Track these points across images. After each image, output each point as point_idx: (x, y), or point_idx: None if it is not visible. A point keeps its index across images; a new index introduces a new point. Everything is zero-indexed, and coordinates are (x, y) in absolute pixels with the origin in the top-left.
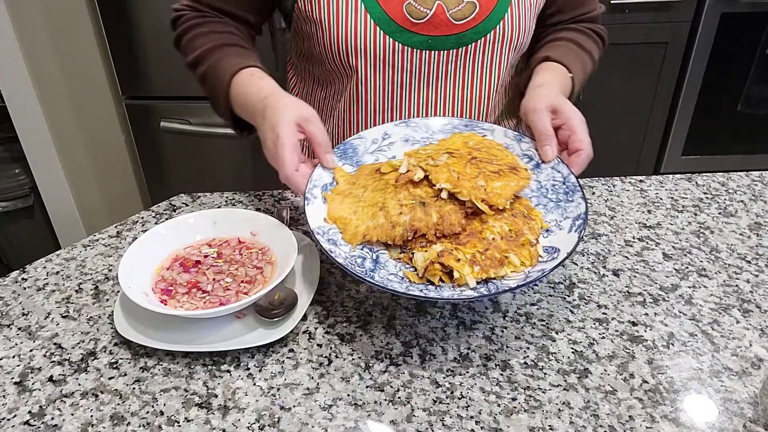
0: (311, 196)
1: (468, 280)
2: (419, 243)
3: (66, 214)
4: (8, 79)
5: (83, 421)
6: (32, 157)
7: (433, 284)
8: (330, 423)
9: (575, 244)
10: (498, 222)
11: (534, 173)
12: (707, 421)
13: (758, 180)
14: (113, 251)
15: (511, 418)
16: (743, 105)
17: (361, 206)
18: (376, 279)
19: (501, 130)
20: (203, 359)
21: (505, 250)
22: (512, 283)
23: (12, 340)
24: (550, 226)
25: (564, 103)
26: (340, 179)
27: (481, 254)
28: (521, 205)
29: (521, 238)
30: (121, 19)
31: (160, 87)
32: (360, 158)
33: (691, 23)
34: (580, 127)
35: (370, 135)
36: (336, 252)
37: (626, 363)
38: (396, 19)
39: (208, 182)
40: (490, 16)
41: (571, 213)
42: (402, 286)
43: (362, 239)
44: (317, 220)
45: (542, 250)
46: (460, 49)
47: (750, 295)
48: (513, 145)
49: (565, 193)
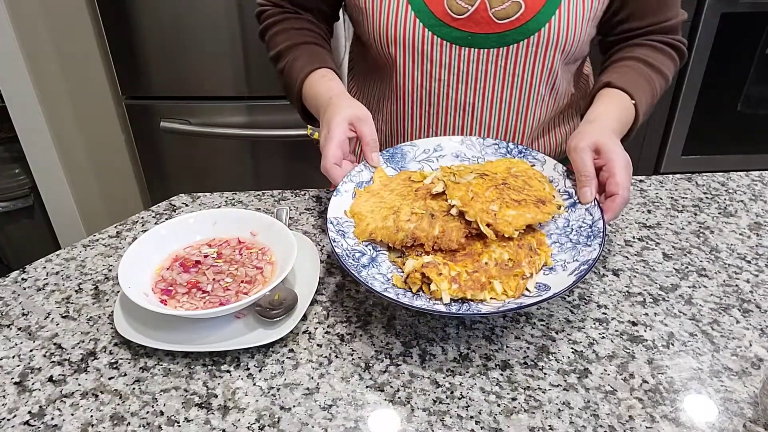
0: (342, 189)
1: (443, 296)
2: (416, 251)
3: (66, 214)
4: (8, 79)
5: (83, 421)
6: (32, 157)
7: (412, 292)
8: (330, 423)
9: (569, 286)
10: (500, 248)
11: (567, 211)
12: (707, 421)
13: (758, 180)
14: (113, 251)
15: (511, 418)
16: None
17: (379, 206)
18: (362, 274)
19: (552, 163)
20: (203, 359)
21: (493, 276)
22: (485, 309)
23: (12, 340)
24: (555, 264)
25: (608, 143)
26: (377, 180)
27: (467, 275)
28: (533, 238)
29: (516, 269)
30: (121, 19)
31: (160, 87)
32: (406, 164)
33: (691, 23)
34: (621, 170)
35: (423, 144)
36: (339, 242)
37: (626, 363)
38: (436, 13)
39: (208, 182)
40: (535, 17)
41: (582, 257)
42: (382, 287)
43: (368, 237)
44: (338, 211)
45: (533, 286)
46: (501, 48)
47: (750, 295)
48: (558, 179)
49: (587, 236)
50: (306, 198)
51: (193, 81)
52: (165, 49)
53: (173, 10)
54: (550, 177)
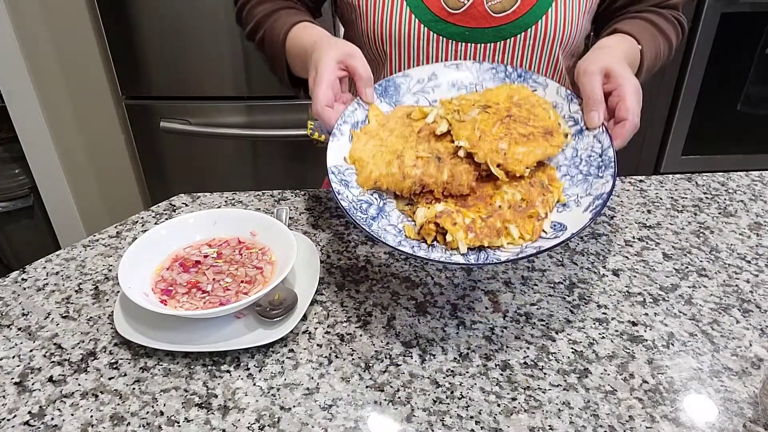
0: (339, 132)
1: (459, 246)
2: (425, 198)
3: (66, 214)
4: (8, 79)
5: (83, 421)
6: (32, 157)
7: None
8: (330, 423)
9: (584, 226)
10: (512, 188)
11: (575, 139)
12: (707, 421)
13: (758, 180)
14: (113, 251)
15: (511, 418)
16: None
17: (381, 150)
18: (373, 228)
19: (554, 87)
20: (203, 359)
21: (508, 220)
22: (503, 256)
23: (12, 341)
24: (567, 200)
25: (619, 67)
26: (373, 118)
27: (482, 221)
28: (544, 173)
29: (530, 210)
30: (121, 19)
31: (160, 87)
32: (400, 98)
33: (691, 23)
34: (631, 95)
35: (416, 74)
36: (344, 194)
37: (626, 363)
38: (432, 9)
39: (208, 182)
40: (531, 10)
41: (595, 190)
42: (395, 240)
43: (373, 185)
44: (337, 158)
45: (548, 226)
46: (498, 43)
47: (750, 295)
48: (562, 105)
49: (598, 167)
50: (306, 198)
51: (193, 81)
52: (165, 49)
53: (173, 11)
54: (554, 102)
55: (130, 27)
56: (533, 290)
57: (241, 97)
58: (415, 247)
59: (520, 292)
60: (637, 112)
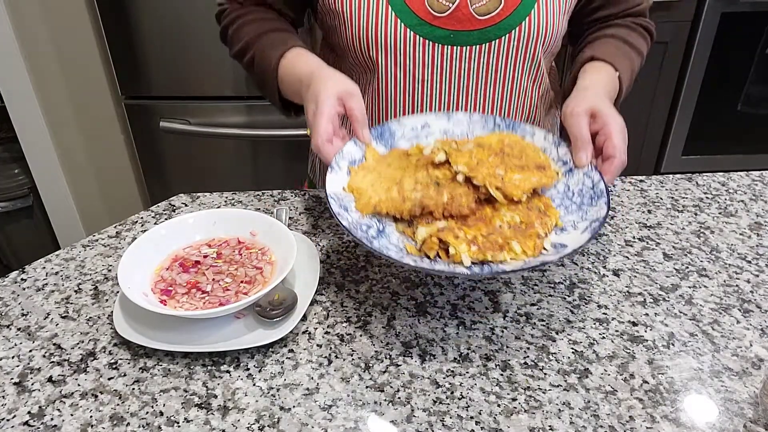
0: (336, 166)
1: (463, 258)
2: (425, 219)
3: (65, 214)
4: (8, 79)
5: (83, 421)
6: (31, 157)
7: (429, 258)
8: (330, 423)
9: (585, 242)
10: (510, 212)
11: (566, 177)
12: (707, 421)
13: (758, 180)
14: (113, 251)
15: (511, 419)
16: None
17: (379, 180)
18: (375, 245)
19: (542, 134)
20: (203, 360)
21: (509, 237)
22: (508, 267)
23: (11, 341)
24: (565, 225)
25: (604, 107)
26: (370, 157)
27: (483, 237)
28: (540, 201)
29: (530, 230)
30: (121, 19)
31: (159, 87)
32: (395, 143)
33: (691, 23)
34: (617, 133)
35: (409, 122)
36: (344, 216)
37: (626, 363)
38: (418, 12)
39: (207, 182)
40: (515, 12)
41: (590, 216)
42: (397, 255)
43: (373, 210)
44: (336, 187)
45: (549, 245)
46: (483, 45)
47: (750, 295)
48: (550, 149)
49: (591, 198)
50: (306, 198)
51: (192, 81)
52: (165, 49)
53: (173, 11)
54: (542, 147)
55: (130, 27)
56: (533, 290)
57: (241, 97)
58: (417, 260)
59: (520, 293)
60: (623, 149)
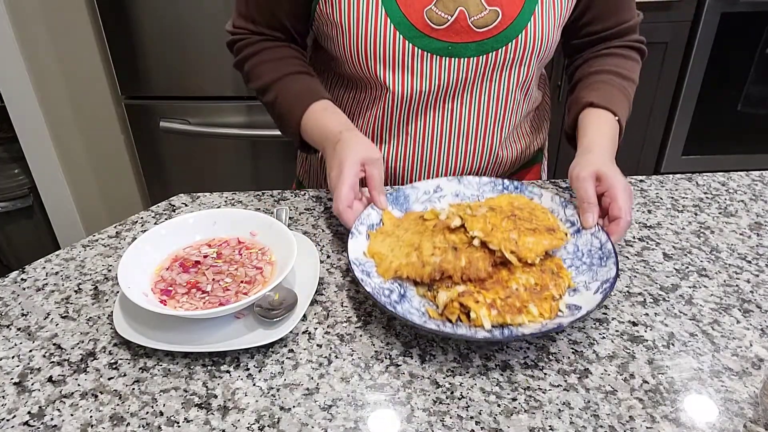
0: (356, 231)
1: (484, 322)
2: (445, 283)
3: (65, 215)
4: (7, 79)
5: (83, 421)
6: (31, 157)
7: (451, 322)
8: (330, 423)
9: (598, 304)
10: (525, 274)
11: (573, 237)
12: (708, 421)
13: (758, 180)
14: (113, 251)
15: (511, 419)
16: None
17: (398, 245)
18: (398, 310)
19: (549, 195)
20: (203, 360)
21: (526, 300)
22: (527, 330)
23: (11, 341)
24: (577, 285)
25: (609, 170)
26: (387, 221)
27: (501, 300)
28: (552, 263)
29: (545, 292)
30: (121, 19)
31: (159, 87)
32: (410, 206)
33: (691, 23)
34: (622, 195)
35: (423, 186)
36: (367, 281)
37: (626, 363)
38: (416, 25)
39: (207, 182)
40: (512, 24)
41: (601, 276)
42: (420, 320)
43: (394, 274)
44: (357, 252)
45: (564, 306)
46: (480, 57)
47: (750, 295)
48: (558, 210)
49: (600, 258)
50: (306, 198)
51: (192, 81)
52: (165, 49)
53: (173, 11)
54: (550, 208)
55: (130, 27)
56: None
57: (240, 97)
58: (440, 325)
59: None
60: (628, 209)
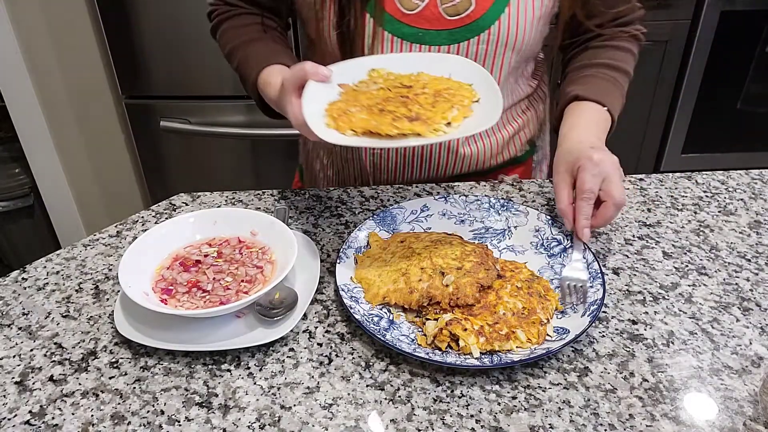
0: (344, 255)
1: (472, 350)
2: (433, 310)
3: (66, 214)
4: (8, 78)
5: (84, 420)
6: (32, 157)
7: (441, 350)
8: (330, 422)
9: (585, 328)
10: (512, 299)
11: (560, 257)
12: (707, 419)
13: (758, 178)
14: (113, 251)
15: (511, 417)
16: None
17: (386, 270)
18: (387, 338)
19: (535, 214)
20: (203, 358)
21: (514, 326)
22: (516, 357)
23: (12, 340)
24: (565, 308)
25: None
26: (374, 244)
27: (489, 327)
28: (540, 285)
29: (533, 316)
30: (121, 19)
31: (159, 86)
32: (397, 227)
33: (690, 21)
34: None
35: (410, 206)
36: (355, 308)
37: (626, 361)
38: (387, 9)
39: (208, 181)
40: (485, 14)
41: (588, 298)
42: (410, 348)
43: (381, 300)
44: (344, 278)
45: (552, 330)
46: (452, 46)
47: (750, 294)
48: (544, 228)
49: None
50: (306, 197)
51: (192, 80)
52: (165, 48)
53: (173, 10)
54: (536, 226)
55: (130, 27)
56: None
57: (240, 96)
58: (429, 353)
59: None
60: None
